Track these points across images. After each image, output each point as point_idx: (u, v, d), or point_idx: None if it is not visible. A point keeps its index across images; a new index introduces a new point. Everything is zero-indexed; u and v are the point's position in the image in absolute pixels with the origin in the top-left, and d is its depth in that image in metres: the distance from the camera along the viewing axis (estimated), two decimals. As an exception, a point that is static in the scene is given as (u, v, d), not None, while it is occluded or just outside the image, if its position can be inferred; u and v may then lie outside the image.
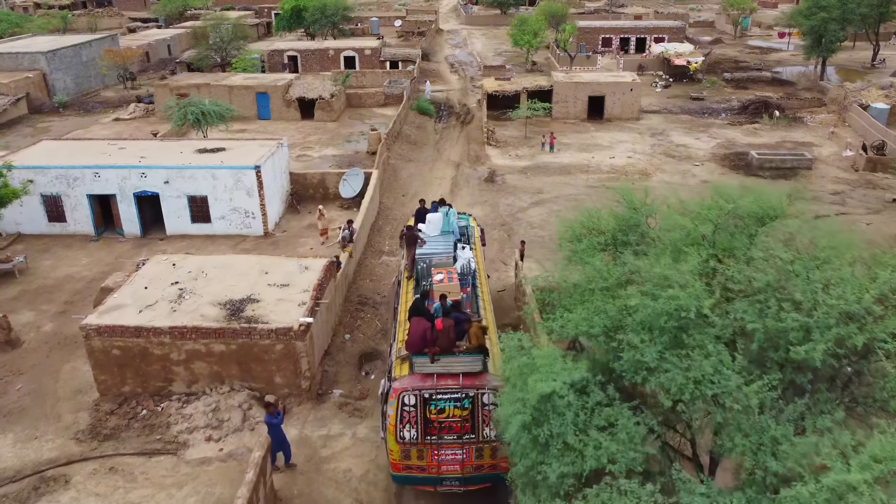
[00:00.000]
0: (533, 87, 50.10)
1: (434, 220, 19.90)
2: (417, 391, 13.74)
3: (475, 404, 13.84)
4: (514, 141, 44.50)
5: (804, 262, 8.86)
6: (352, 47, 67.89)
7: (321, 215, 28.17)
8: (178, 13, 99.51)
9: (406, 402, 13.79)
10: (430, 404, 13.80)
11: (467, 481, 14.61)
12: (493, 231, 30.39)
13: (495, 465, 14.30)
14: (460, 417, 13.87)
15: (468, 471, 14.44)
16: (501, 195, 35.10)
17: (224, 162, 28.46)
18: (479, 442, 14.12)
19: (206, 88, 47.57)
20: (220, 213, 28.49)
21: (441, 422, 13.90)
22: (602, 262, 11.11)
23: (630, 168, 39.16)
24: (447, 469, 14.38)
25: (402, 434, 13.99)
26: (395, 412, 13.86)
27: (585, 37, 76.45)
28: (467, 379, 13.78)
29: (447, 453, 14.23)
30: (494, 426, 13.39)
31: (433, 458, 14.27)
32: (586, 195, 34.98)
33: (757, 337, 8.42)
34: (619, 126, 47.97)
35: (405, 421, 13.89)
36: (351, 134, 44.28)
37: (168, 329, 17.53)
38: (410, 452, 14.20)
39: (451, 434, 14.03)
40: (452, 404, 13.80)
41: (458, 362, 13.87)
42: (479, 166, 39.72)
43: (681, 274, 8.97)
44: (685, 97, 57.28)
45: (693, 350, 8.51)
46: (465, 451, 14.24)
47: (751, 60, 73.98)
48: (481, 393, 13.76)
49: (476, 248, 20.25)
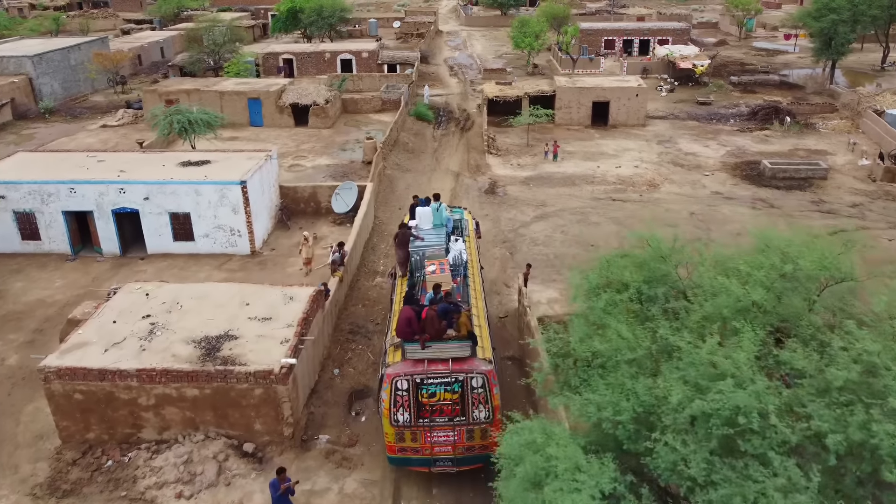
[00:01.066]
0: (535, 91, 48.36)
1: (423, 214, 20.43)
2: (409, 376, 14.45)
3: (465, 388, 14.60)
4: (515, 149, 42.79)
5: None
6: (349, 50, 66.17)
7: (305, 242, 25.57)
8: (173, 14, 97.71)
9: (399, 386, 14.49)
10: (422, 388, 14.54)
11: (459, 462, 15.37)
12: (493, 249, 28.67)
13: (486, 445, 14.89)
14: (451, 401, 14.64)
15: (460, 451, 15.21)
16: (503, 208, 33.37)
17: (208, 176, 26.76)
18: (470, 424, 14.89)
19: (197, 94, 45.86)
20: (204, 231, 26.78)
21: (433, 405, 14.66)
22: (628, 327, 9.31)
23: (637, 179, 37.43)
24: (440, 450, 15.17)
25: (396, 417, 14.75)
26: (389, 396, 14.57)
27: (587, 39, 74.73)
28: (457, 364, 14.52)
29: (439, 435, 15.00)
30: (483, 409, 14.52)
31: (426, 440, 15.04)
32: (592, 208, 33.26)
33: (836, 448, 6.68)
34: (625, 133, 46.25)
35: (398, 405, 14.63)
36: (346, 142, 42.56)
37: (135, 372, 15.83)
38: (404, 435, 14.96)
39: (442, 417, 14.79)
40: (443, 388, 14.55)
41: (448, 348, 14.59)
42: (479, 176, 38.01)
43: (735, 363, 7.23)
44: (691, 101, 55.57)
45: (752, 461, 6.79)
46: (457, 433, 14.99)
47: (757, 63, 72.27)
48: (470, 377, 14.55)
49: (470, 241, 20.89)
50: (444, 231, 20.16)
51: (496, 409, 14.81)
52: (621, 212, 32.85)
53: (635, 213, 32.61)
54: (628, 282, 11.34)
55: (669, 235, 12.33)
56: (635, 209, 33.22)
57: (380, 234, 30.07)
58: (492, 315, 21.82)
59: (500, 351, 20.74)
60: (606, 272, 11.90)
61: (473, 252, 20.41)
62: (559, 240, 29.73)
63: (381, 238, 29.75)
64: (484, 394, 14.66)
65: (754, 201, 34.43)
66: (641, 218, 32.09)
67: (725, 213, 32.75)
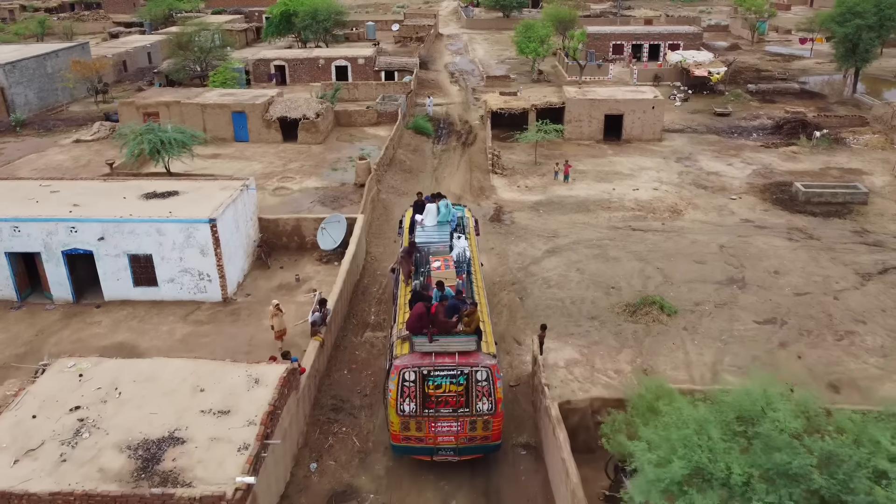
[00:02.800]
0: (542, 104, 44.89)
1: (431, 210, 20.97)
2: (417, 368, 14.94)
3: (469, 380, 15.08)
4: (522, 168, 39.28)
5: None
6: (344, 56, 62.72)
7: (276, 312, 20.35)
8: (163, 17, 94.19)
9: (406, 377, 14.99)
10: (429, 380, 15.03)
11: (461, 452, 15.87)
12: (501, 293, 25.17)
13: (487, 436, 15.67)
14: (456, 392, 15.11)
15: (462, 442, 15.70)
16: (510, 240, 29.86)
17: (173, 212, 23.27)
18: (473, 415, 15.38)
19: (177, 107, 42.39)
20: (169, 275, 23.31)
21: (438, 396, 15.13)
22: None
23: (658, 204, 33.91)
24: (443, 440, 15.64)
25: (402, 407, 15.21)
26: (396, 387, 15.06)
27: (595, 43, 71.20)
28: (462, 357, 15.03)
29: (443, 425, 15.45)
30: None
31: (430, 430, 15.50)
32: (610, 240, 29.76)
33: None
34: (640, 149, 42.74)
35: (405, 395, 15.10)
36: (338, 160, 39.04)
37: (48, 497, 12.33)
38: (409, 424, 15.41)
39: (446, 408, 15.27)
40: (449, 380, 14.99)
41: (455, 342, 15.15)
42: (483, 200, 34.50)
43: None
44: (708, 112, 52.07)
45: None
46: (460, 424, 15.46)
47: (773, 69, 68.75)
48: (475, 370, 15.01)
49: (471, 238, 21.36)
50: (449, 228, 20.64)
51: (499, 401, 15.40)
52: (643, 244, 29.35)
53: (659, 246, 29.13)
54: (733, 473, 7.73)
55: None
56: (658, 241, 29.73)
57: (371, 275, 26.58)
58: (503, 383, 18.68)
59: (511, 435, 17.40)
60: (692, 453, 8.22)
61: (474, 249, 20.96)
62: (575, 280, 26.23)
63: (374, 279, 26.25)
64: (488, 387, 15.19)
65: (790, 231, 30.92)
66: (666, 252, 28.67)
67: (759, 246, 29.25)
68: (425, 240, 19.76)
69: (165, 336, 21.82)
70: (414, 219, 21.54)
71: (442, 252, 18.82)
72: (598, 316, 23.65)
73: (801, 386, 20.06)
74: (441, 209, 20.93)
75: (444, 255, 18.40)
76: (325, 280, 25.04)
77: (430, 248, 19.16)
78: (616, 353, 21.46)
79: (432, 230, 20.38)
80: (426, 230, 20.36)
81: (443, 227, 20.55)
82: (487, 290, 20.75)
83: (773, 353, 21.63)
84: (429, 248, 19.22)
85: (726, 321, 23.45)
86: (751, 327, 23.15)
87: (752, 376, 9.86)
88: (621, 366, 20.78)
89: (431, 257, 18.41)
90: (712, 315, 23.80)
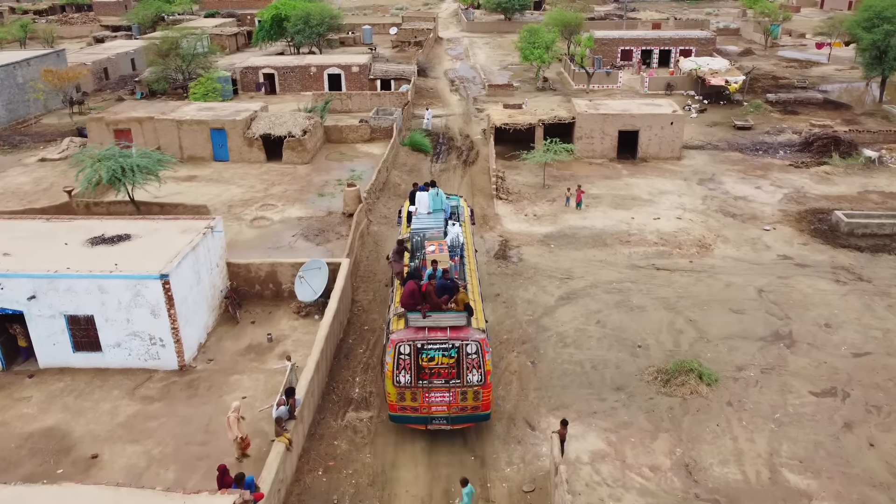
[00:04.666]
0: (550, 119, 41.15)
1: (423, 199, 21.86)
2: (411, 342, 16.12)
3: (460, 354, 16.20)
4: (529, 192, 35.54)
5: None
6: (337, 64, 58.97)
7: (235, 419, 15.95)
8: (151, 21, 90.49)
9: (402, 351, 16.14)
10: (422, 353, 16.17)
11: (453, 420, 16.93)
12: (509, 354, 21.38)
13: (477, 406, 16.80)
14: (447, 365, 16.27)
15: (454, 411, 16.76)
16: (519, 283, 26.13)
17: (121, 262, 19.55)
18: (464, 386, 16.49)
19: (150, 124, 38.69)
20: (115, 339, 19.61)
21: (431, 368, 16.28)
22: None
23: (683, 236, 30.17)
24: (436, 410, 16.72)
25: (398, 379, 16.38)
26: (393, 360, 16.22)
27: (602, 49, 67.54)
28: (454, 332, 16.25)
29: (436, 396, 16.53)
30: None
31: (424, 400, 16.61)
32: (632, 282, 26.04)
33: None
34: (658, 169, 39.02)
35: (401, 367, 16.26)
36: (325, 184, 35.29)
37: None
38: (405, 395, 16.52)
39: (439, 379, 16.39)
40: (441, 353, 16.15)
41: (446, 318, 16.44)
42: (487, 232, 30.74)
43: None
44: (727, 125, 48.33)
45: None
46: (452, 394, 16.55)
47: (791, 76, 64.96)
48: (465, 344, 16.19)
49: (465, 225, 22.61)
50: (443, 215, 21.67)
51: (488, 373, 16.45)
52: (670, 289, 25.64)
53: (689, 291, 25.42)
54: None
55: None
56: (687, 284, 26.02)
57: (358, 331, 22.80)
58: (514, 486, 15.33)
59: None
60: None
61: (468, 236, 22.18)
62: (595, 336, 22.50)
63: (360, 337, 22.50)
64: (477, 359, 16.20)
65: (835, 271, 27.19)
66: (697, 298, 24.96)
67: (803, 291, 25.53)
68: (421, 226, 20.67)
69: (106, 418, 18.10)
70: (410, 209, 22.65)
71: (437, 237, 19.82)
72: (626, 386, 19.93)
73: (879, 488, 16.54)
74: (432, 197, 21.90)
75: (439, 241, 19.40)
76: (303, 340, 21.33)
77: (426, 234, 20.09)
78: (650, 440, 17.73)
79: (427, 218, 21.38)
80: (421, 218, 21.37)
81: (437, 215, 21.63)
82: (493, 351, 19.82)
83: (839, 439, 17.91)
84: (424, 234, 20.17)
85: (777, 393, 19.73)
86: (807, 401, 19.43)
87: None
88: (658, 459, 17.06)
89: (427, 242, 19.42)
90: (760, 384, 20.08)
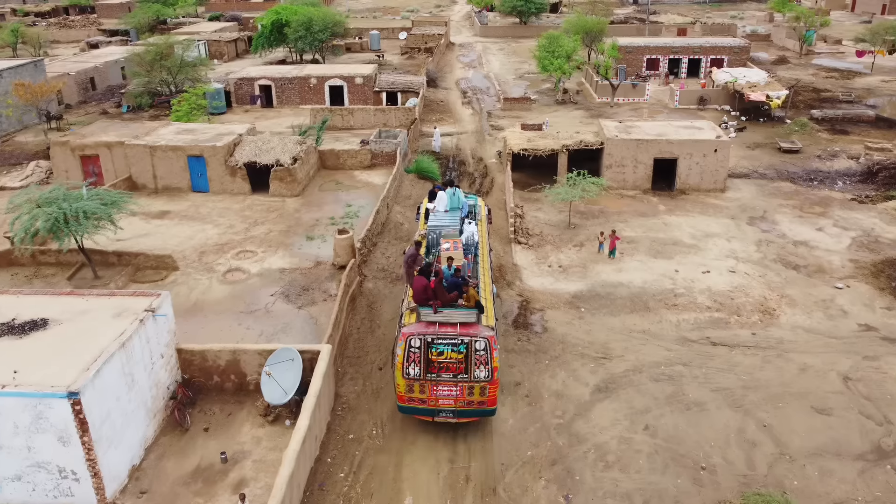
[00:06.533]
0: (575, 144, 36.16)
1: (442, 197, 22.38)
2: (422, 335, 16.56)
3: (469, 349, 16.58)
4: (552, 233, 30.54)
5: None
6: (339, 75, 54.21)
7: None
8: (149, 25, 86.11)
9: (412, 344, 16.60)
10: (432, 347, 16.61)
11: (459, 414, 17.40)
12: (536, 484, 16.33)
13: (483, 402, 17.16)
14: (456, 360, 16.68)
15: (461, 405, 17.21)
16: (544, 364, 21.12)
17: (24, 366, 14.81)
18: (471, 381, 16.90)
19: (121, 149, 34.04)
20: (13, 472, 14.86)
21: (440, 362, 16.73)
22: None
23: (740, 297, 25.08)
24: (443, 403, 17.20)
25: (408, 371, 16.86)
26: (403, 352, 16.69)
27: (626, 57, 62.42)
28: (464, 328, 16.62)
29: (444, 389, 17.03)
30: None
31: (432, 393, 17.08)
32: (685, 364, 21.01)
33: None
34: (700, 204, 33.91)
35: (411, 360, 16.73)
36: (316, 223, 30.42)
37: None
38: (414, 387, 17.02)
39: (448, 373, 16.85)
40: (450, 348, 16.58)
41: (457, 314, 16.76)
42: (504, 289, 25.75)
43: None
44: (771, 147, 43.15)
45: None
46: (459, 388, 16.99)
47: (833, 88, 59.48)
48: (475, 340, 16.54)
49: (482, 224, 23.06)
50: (459, 214, 22.08)
51: (495, 369, 16.81)
52: (732, 374, 20.60)
53: (756, 378, 20.36)
54: None
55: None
56: (753, 366, 20.96)
57: (340, 442, 17.79)
58: None
59: None
60: None
61: (484, 235, 22.52)
62: (645, 450, 17.50)
63: (343, 452, 17.50)
64: (485, 355, 16.61)
65: (934, 348, 22.09)
66: (769, 390, 19.90)
67: (900, 378, 20.45)
68: (437, 223, 21.20)
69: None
70: (428, 206, 22.91)
71: (452, 235, 20.31)
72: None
73: None
74: (450, 196, 22.34)
75: (454, 238, 19.87)
76: (267, 459, 16.46)
77: (442, 232, 20.61)
78: None
79: (444, 215, 21.87)
80: (438, 215, 21.85)
81: (454, 213, 22.04)
82: (515, 478, 16.46)
83: None
84: (440, 231, 20.69)
85: (897, 549, 14.71)
86: (940, 564, 14.40)
87: None
88: None
89: (442, 239, 19.77)
90: (871, 535, 15.06)
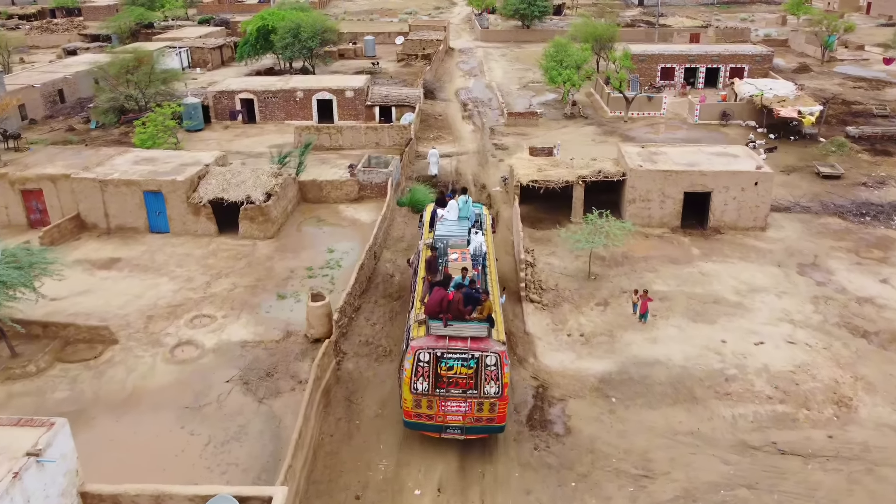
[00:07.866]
0: (593, 174, 31.47)
1: (452, 206, 22.23)
2: (431, 349, 16.11)
3: (479, 364, 16.13)
4: (569, 286, 25.82)
5: None
6: (328, 88, 49.47)
7: None
8: (132, 30, 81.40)
9: (421, 358, 16.12)
10: (442, 362, 16.15)
11: (468, 431, 16.86)
12: None
13: (492, 418, 16.64)
14: (466, 375, 16.22)
15: (469, 421, 16.68)
16: (567, 490, 16.34)
17: None
18: (481, 397, 16.38)
19: (67, 183, 29.35)
20: None
21: (449, 377, 16.25)
22: None
23: (805, 380, 20.34)
24: (451, 419, 16.67)
25: (416, 386, 16.36)
26: (412, 366, 16.20)
27: (640, 67, 57.77)
28: (474, 342, 16.15)
29: (452, 405, 16.50)
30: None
31: (440, 409, 16.57)
32: (750, 488, 16.29)
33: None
34: (739, 246, 29.17)
35: (419, 374, 16.23)
36: (291, 275, 25.71)
37: None
38: (421, 402, 16.53)
39: (457, 389, 16.36)
40: (460, 363, 16.11)
41: (468, 328, 16.33)
42: (515, 367, 21.02)
43: None
44: (808, 172, 38.49)
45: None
46: (468, 405, 16.47)
47: (864, 100, 54.84)
48: (485, 355, 16.06)
49: (487, 234, 22.48)
50: (468, 224, 21.94)
51: (505, 385, 16.30)
52: (811, 501, 15.92)
53: (844, 510, 15.69)
54: None
55: None
56: (837, 490, 16.25)
57: None
58: None
59: None
60: None
61: (490, 244, 21.95)
62: None
63: None
64: (496, 371, 16.12)
65: None
66: (864, 529, 15.19)
67: None
68: (445, 233, 20.94)
69: None
70: (435, 213, 22.63)
71: (460, 245, 19.95)
72: None
73: None
74: (461, 204, 22.11)
75: (462, 249, 19.55)
76: None
77: (449, 242, 20.24)
78: None
79: (452, 224, 21.53)
80: (446, 224, 21.51)
81: (462, 223, 21.79)
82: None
83: None
84: (447, 241, 20.35)
85: None
86: None
87: None
88: None
89: (450, 250, 19.51)
90: None
